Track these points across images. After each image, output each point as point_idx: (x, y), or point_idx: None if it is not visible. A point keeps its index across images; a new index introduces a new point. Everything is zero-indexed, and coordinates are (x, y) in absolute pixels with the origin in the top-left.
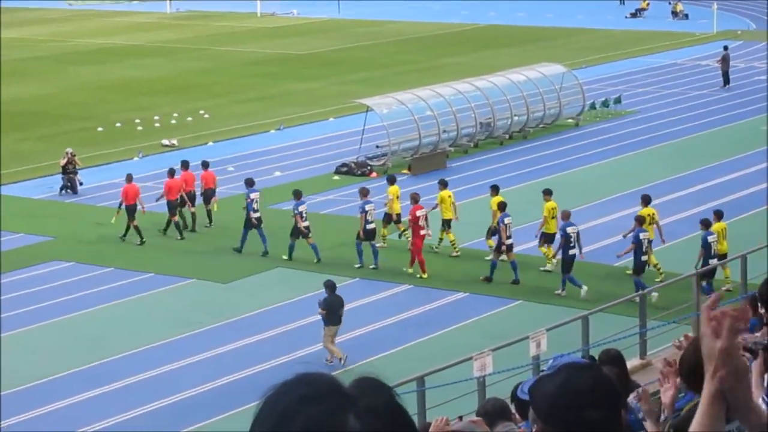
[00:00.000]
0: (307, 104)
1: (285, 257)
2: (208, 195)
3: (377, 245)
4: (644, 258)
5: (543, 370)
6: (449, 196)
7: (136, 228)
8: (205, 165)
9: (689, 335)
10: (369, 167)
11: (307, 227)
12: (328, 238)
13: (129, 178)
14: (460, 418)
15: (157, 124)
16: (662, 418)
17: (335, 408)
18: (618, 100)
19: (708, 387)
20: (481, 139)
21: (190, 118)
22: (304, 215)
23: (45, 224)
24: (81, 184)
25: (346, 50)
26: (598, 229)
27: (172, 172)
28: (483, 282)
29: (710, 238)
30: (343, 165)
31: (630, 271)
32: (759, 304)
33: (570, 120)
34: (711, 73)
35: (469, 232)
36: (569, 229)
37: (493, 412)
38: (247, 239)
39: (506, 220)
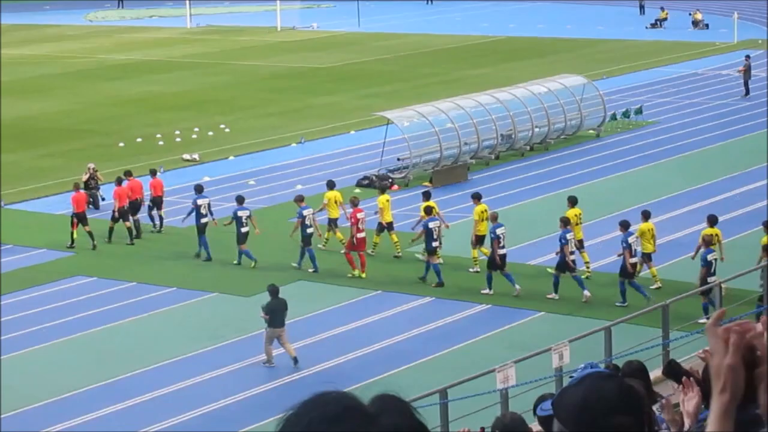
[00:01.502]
0: (328, 117)
1: (235, 262)
2: (157, 202)
3: (320, 246)
4: (572, 257)
5: (571, 377)
6: (387, 201)
7: (90, 233)
8: (153, 173)
9: None
10: (390, 180)
11: (245, 233)
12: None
13: (76, 186)
14: (483, 429)
15: (178, 139)
16: (686, 427)
17: (355, 427)
18: (639, 111)
19: (716, 403)
20: (502, 151)
21: (211, 133)
22: (243, 221)
23: (67, 240)
24: (103, 199)
25: (366, 63)
26: (619, 240)
27: (119, 181)
28: (436, 287)
29: (630, 239)
30: (365, 178)
31: (551, 270)
32: None
33: (591, 131)
34: (732, 83)
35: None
36: (498, 231)
37: (512, 427)
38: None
39: (431, 224)
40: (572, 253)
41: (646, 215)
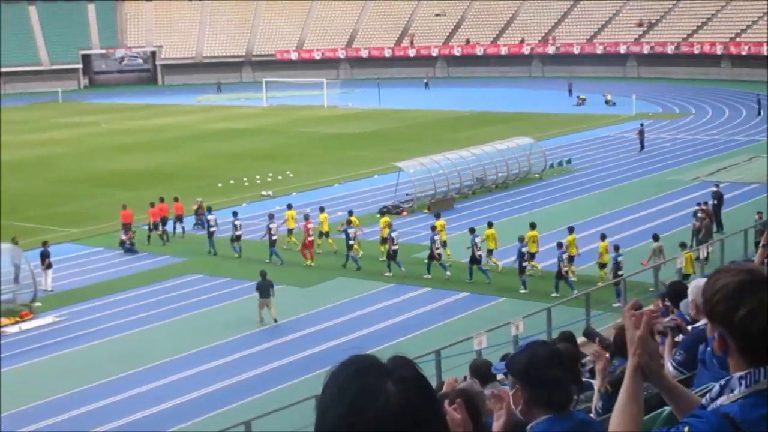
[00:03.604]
0: (359, 166)
1: (236, 256)
2: (180, 219)
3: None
4: (438, 251)
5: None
6: (325, 218)
7: (127, 239)
8: (176, 199)
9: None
10: (401, 208)
11: (239, 236)
12: (370, 258)
13: (124, 207)
14: (465, 377)
15: (258, 181)
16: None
17: (377, 378)
18: (569, 161)
19: (630, 362)
20: (477, 188)
21: (280, 177)
22: (238, 228)
23: (182, 249)
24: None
25: (385, 129)
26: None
27: (153, 204)
28: (356, 271)
29: (477, 239)
30: (384, 207)
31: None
32: (666, 299)
33: (536, 175)
34: (632, 141)
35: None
36: (393, 234)
37: (480, 366)
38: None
39: (350, 231)
40: (440, 246)
41: (489, 224)
